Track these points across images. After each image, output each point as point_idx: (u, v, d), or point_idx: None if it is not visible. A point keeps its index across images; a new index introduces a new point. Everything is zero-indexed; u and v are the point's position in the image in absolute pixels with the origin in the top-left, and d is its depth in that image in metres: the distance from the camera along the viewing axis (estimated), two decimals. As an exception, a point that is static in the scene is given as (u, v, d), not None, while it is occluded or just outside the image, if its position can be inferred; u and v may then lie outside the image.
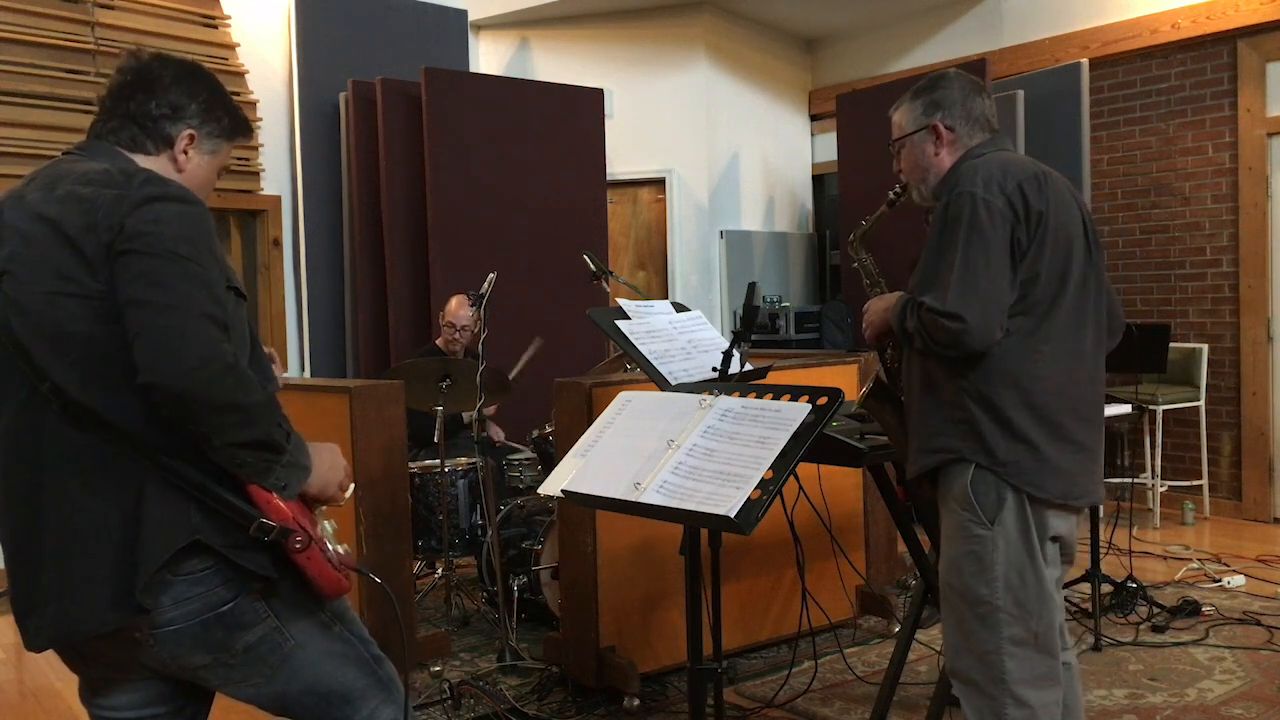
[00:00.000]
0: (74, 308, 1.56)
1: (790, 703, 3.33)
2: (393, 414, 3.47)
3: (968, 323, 1.99)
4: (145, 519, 1.56)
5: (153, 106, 1.73)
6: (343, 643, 1.77)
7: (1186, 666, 3.55)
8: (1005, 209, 2.05)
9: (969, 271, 2.01)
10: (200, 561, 1.59)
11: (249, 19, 5.95)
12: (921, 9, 6.89)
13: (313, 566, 1.64)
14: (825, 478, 3.32)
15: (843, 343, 6.71)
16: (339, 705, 1.75)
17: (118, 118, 1.74)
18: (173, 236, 1.56)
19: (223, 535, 1.59)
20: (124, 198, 1.58)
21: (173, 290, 1.53)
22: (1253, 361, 5.72)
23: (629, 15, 6.99)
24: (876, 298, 2.33)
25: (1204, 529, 5.61)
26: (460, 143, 5.83)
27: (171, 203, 1.60)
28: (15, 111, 5.08)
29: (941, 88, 2.27)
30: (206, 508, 1.58)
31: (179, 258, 1.55)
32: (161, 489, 1.57)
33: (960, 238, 2.04)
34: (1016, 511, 2.10)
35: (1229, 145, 5.73)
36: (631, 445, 2.08)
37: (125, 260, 1.54)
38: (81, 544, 1.58)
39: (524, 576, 4.03)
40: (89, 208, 1.57)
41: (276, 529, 1.59)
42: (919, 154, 2.29)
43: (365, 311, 5.96)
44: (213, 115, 1.79)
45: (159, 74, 1.75)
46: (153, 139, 1.75)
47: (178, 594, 1.59)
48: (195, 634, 1.61)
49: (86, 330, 1.56)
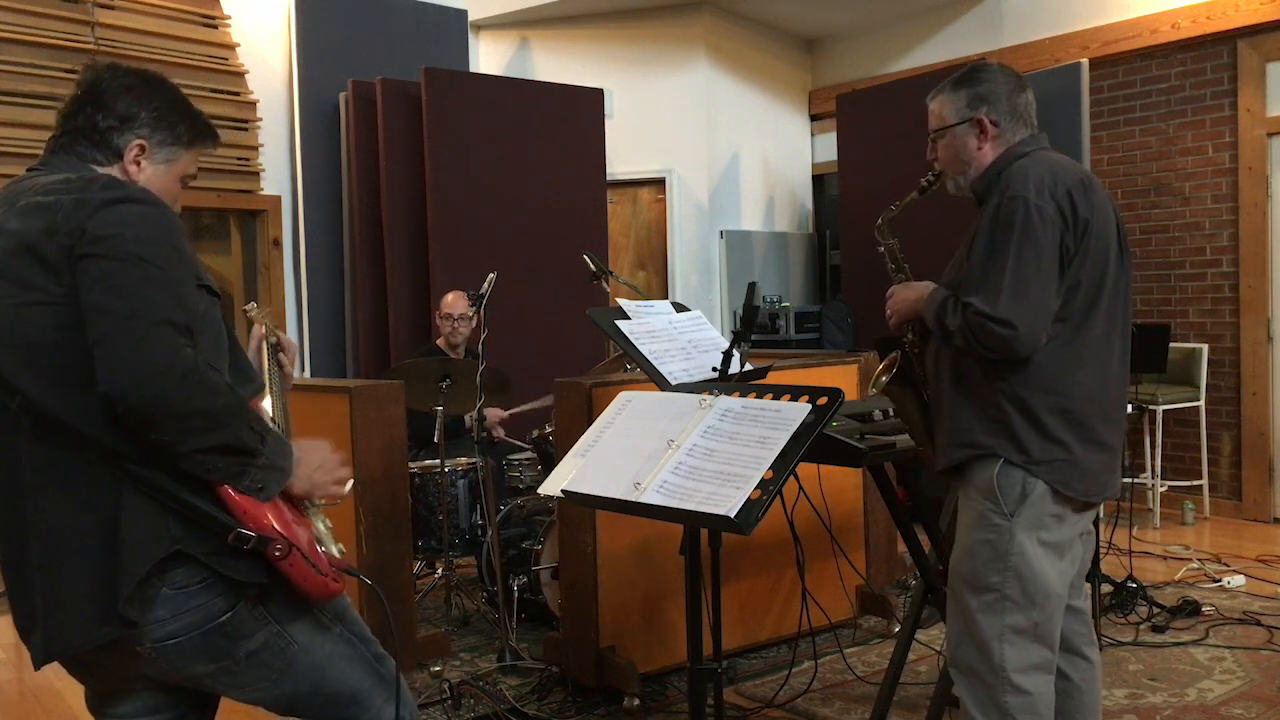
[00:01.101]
0: (38, 316, 1.54)
1: (790, 703, 3.33)
2: (393, 414, 3.47)
3: (1018, 330, 2.01)
4: (124, 532, 1.55)
5: (99, 118, 1.71)
6: (345, 644, 1.77)
7: (1186, 666, 3.55)
8: (1056, 216, 2.06)
9: (1021, 278, 2.02)
10: (193, 574, 1.58)
11: (249, 19, 5.95)
12: (921, 9, 6.89)
13: (296, 573, 1.61)
14: (825, 478, 3.32)
15: (843, 343, 6.70)
16: (346, 705, 1.76)
17: (69, 133, 1.73)
18: (134, 239, 1.54)
19: (203, 543, 1.57)
20: (84, 201, 1.56)
21: (131, 296, 1.50)
22: (1253, 361, 5.72)
23: (629, 15, 6.99)
24: (902, 285, 2.32)
25: (1204, 529, 5.61)
26: (460, 143, 5.83)
27: (133, 204, 1.58)
28: (15, 111, 5.08)
29: (986, 81, 2.24)
30: (185, 517, 1.57)
31: (140, 261, 1.52)
32: (139, 500, 1.56)
33: (1013, 243, 2.04)
34: (1039, 506, 2.12)
35: (1229, 145, 5.73)
36: (631, 445, 2.08)
37: (86, 264, 1.52)
38: (65, 560, 1.57)
39: (524, 576, 4.03)
40: (49, 213, 1.56)
41: (255, 537, 1.57)
42: (960, 147, 2.26)
43: (365, 311, 5.96)
44: (165, 123, 1.76)
45: (108, 85, 1.73)
46: (102, 151, 1.72)
47: (175, 607, 1.58)
48: (196, 645, 1.61)
49: (52, 339, 1.54)
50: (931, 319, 2.16)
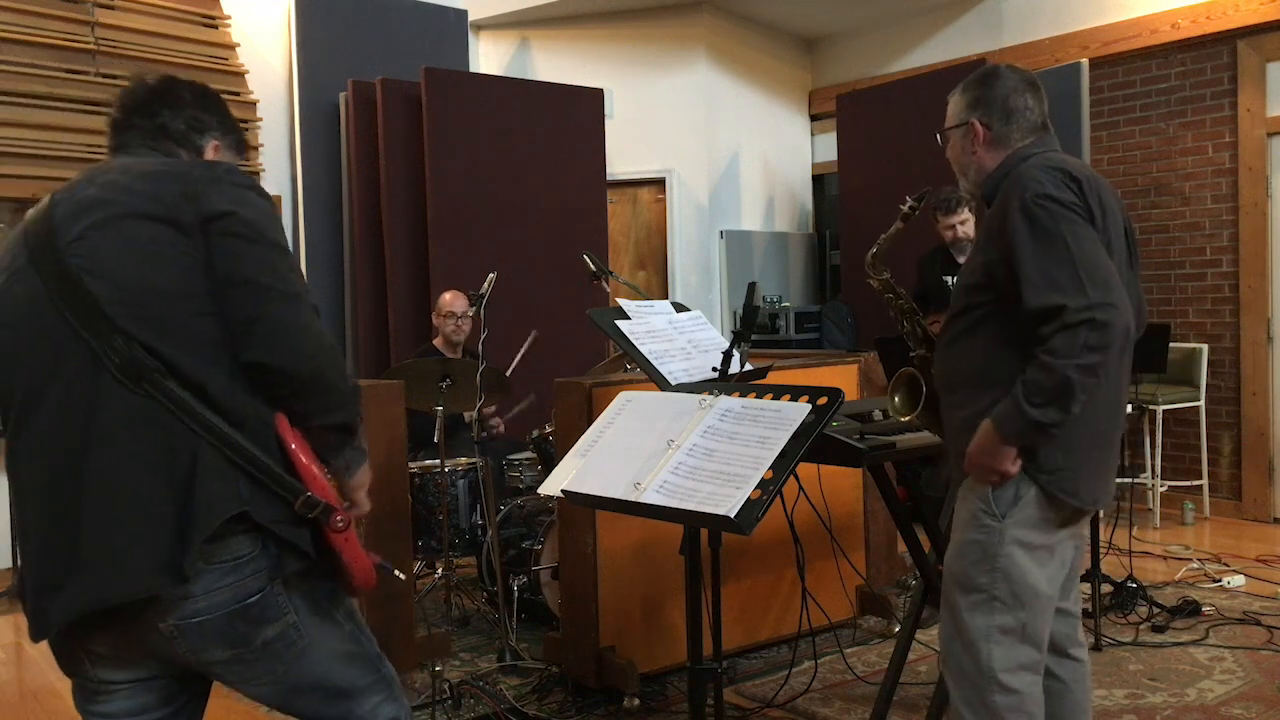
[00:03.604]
0: (166, 266, 1.61)
1: (790, 703, 3.33)
2: (393, 414, 3.47)
3: (1117, 306, 1.93)
4: (199, 486, 1.57)
5: (180, 121, 1.83)
6: (353, 641, 1.79)
7: (1186, 666, 3.55)
8: (1083, 208, 2.04)
9: (1085, 261, 1.95)
10: (237, 548, 1.60)
11: (249, 19, 5.95)
12: (921, 9, 6.89)
13: (349, 549, 1.68)
14: (825, 478, 3.31)
15: (843, 343, 6.71)
16: (341, 700, 1.77)
17: (145, 130, 1.81)
18: (272, 227, 1.68)
19: (269, 509, 1.62)
20: (220, 179, 1.68)
21: (288, 279, 1.65)
22: (1253, 361, 5.72)
23: (629, 15, 6.99)
24: (972, 448, 2.13)
25: (1204, 529, 5.61)
26: (460, 143, 5.83)
27: (257, 193, 1.71)
28: (15, 111, 5.07)
29: (987, 85, 2.25)
30: (255, 480, 1.61)
31: (282, 249, 1.68)
32: (216, 458, 1.59)
33: (1062, 234, 1.98)
34: (1031, 509, 2.11)
35: (1229, 145, 5.73)
36: (631, 445, 2.08)
37: (233, 243, 1.63)
38: (128, 509, 1.57)
39: (524, 576, 4.03)
40: (184, 181, 1.66)
41: (322, 505, 1.64)
42: (959, 149, 2.30)
43: (365, 311, 5.96)
44: (229, 126, 1.90)
45: (179, 92, 1.85)
46: (185, 149, 1.83)
47: (209, 583, 1.59)
48: (220, 626, 1.61)
49: (176, 288, 1.61)
50: (1024, 417, 1.98)
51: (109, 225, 1.63)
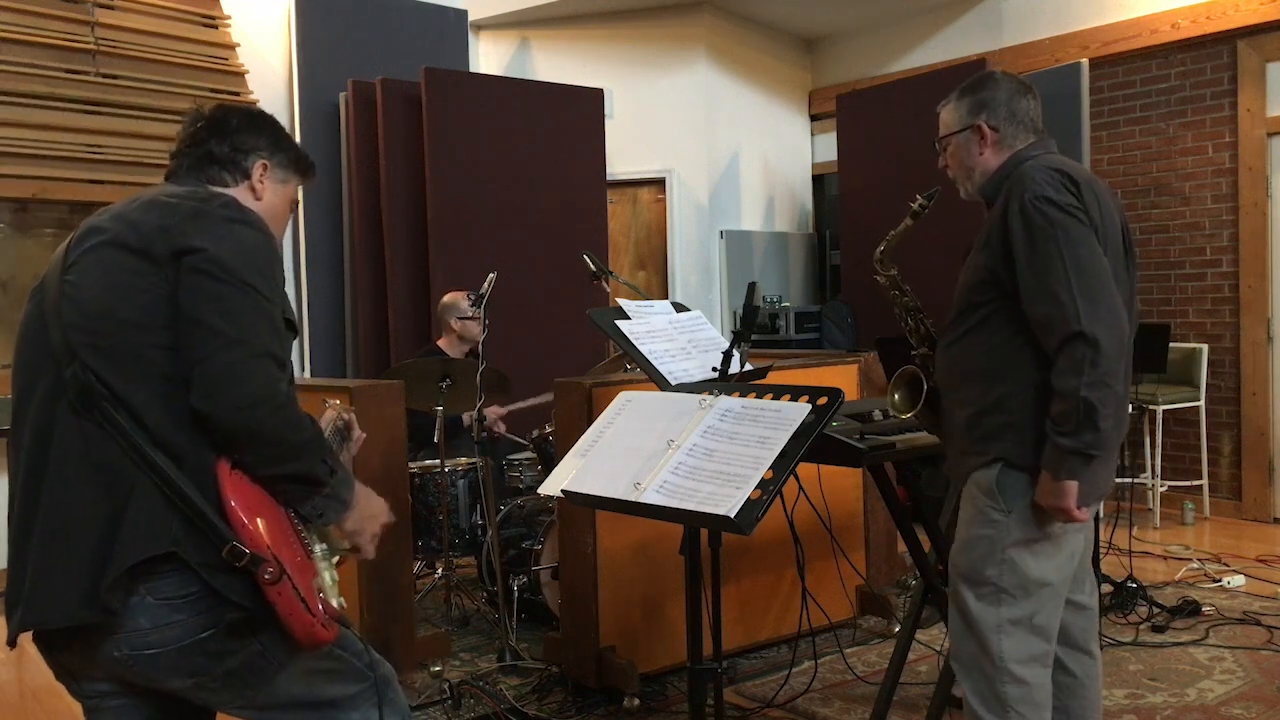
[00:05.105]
0: (129, 295, 1.61)
1: (790, 703, 3.33)
2: (393, 414, 3.47)
3: (1105, 320, 1.99)
4: (128, 519, 1.56)
5: (228, 147, 1.86)
6: (330, 659, 1.75)
7: (1186, 666, 3.55)
8: (1082, 210, 2.07)
9: (1079, 270, 2.01)
10: (180, 586, 1.58)
11: (249, 19, 5.95)
12: (921, 9, 6.89)
13: (282, 603, 1.58)
14: (825, 478, 3.31)
15: (843, 343, 6.70)
16: (327, 711, 1.76)
17: (195, 158, 1.85)
18: (246, 266, 1.63)
19: (200, 552, 1.57)
20: (205, 213, 1.67)
21: (241, 324, 1.59)
22: (1253, 361, 5.72)
23: (629, 15, 6.99)
24: (1038, 491, 2.13)
25: (1204, 529, 5.61)
26: (460, 143, 5.83)
27: (248, 229, 1.69)
28: (15, 111, 5.07)
29: (987, 88, 2.30)
30: (189, 522, 1.57)
31: (250, 290, 1.62)
32: (151, 494, 1.57)
33: (1058, 241, 2.03)
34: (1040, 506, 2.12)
35: (1229, 145, 5.73)
36: (632, 445, 2.08)
37: (197, 279, 1.60)
38: (65, 534, 1.58)
39: (524, 576, 4.03)
40: (168, 212, 1.67)
41: (249, 555, 1.56)
42: (964, 153, 2.32)
43: (365, 311, 5.95)
44: (280, 146, 1.92)
45: (228, 119, 1.89)
46: (231, 172, 1.86)
47: (156, 618, 1.58)
48: (174, 660, 1.60)
49: (134, 319, 1.60)
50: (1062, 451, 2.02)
51: (95, 252, 1.66)
